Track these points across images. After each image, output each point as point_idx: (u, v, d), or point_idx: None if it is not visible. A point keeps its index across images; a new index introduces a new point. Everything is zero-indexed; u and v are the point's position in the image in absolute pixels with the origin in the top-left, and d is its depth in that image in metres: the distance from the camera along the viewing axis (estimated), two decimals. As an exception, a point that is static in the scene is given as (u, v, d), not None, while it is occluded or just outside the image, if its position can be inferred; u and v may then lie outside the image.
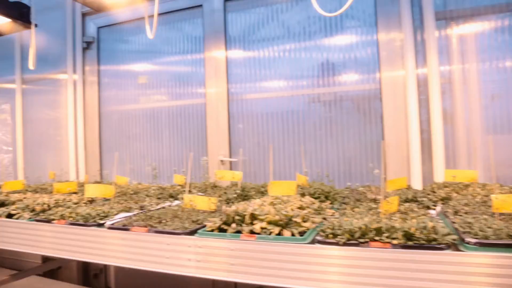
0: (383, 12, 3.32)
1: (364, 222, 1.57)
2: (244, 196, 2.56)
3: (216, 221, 1.81)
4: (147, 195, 2.92)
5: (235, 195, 2.51)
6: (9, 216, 2.50)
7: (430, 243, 1.42)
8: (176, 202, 2.66)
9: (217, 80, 3.95)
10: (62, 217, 2.25)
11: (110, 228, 2.02)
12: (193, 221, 1.96)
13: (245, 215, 1.76)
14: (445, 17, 3.13)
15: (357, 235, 1.52)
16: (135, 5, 3.42)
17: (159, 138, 4.34)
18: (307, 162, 3.51)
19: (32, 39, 3.65)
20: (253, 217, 1.75)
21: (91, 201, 2.77)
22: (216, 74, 3.95)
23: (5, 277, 3.16)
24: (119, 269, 4.14)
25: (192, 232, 1.80)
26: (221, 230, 1.78)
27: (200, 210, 2.21)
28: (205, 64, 4.03)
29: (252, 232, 1.68)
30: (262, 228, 1.68)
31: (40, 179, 4.24)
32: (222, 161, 3.86)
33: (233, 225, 1.74)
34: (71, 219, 2.20)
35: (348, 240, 1.52)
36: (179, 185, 3.26)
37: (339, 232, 1.56)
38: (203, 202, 2.22)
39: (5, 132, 5.37)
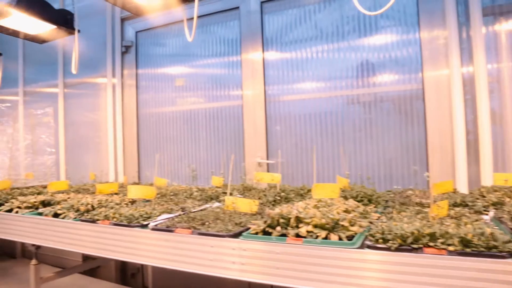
0: (426, 10, 3.20)
1: (415, 227, 1.50)
2: (285, 198, 2.53)
3: (260, 224, 1.79)
4: (187, 197, 2.94)
5: (278, 198, 2.48)
6: (55, 215, 2.58)
7: (490, 251, 1.34)
8: (216, 204, 2.66)
9: (254, 82, 3.94)
10: (106, 217, 2.30)
11: (153, 229, 2.04)
12: (236, 224, 1.94)
13: (290, 218, 1.73)
14: (493, 13, 2.98)
15: (409, 240, 1.46)
16: (173, 9, 3.47)
17: (196, 140, 4.38)
18: (346, 164, 3.44)
19: (76, 45, 3.77)
20: (298, 220, 1.72)
21: (132, 202, 2.81)
22: (253, 75, 3.94)
23: (50, 274, 3.27)
24: (156, 269, 4.19)
25: (236, 235, 1.79)
26: (265, 233, 1.76)
27: (241, 212, 2.20)
28: (241, 66, 4.03)
29: (297, 235, 1.65)
30: (308, 232, 1.64)
31: (82, 180, 4.38)
32: (259, 163, 3.84)
33: (278, 228, 1.72)
34: (115, 219, 2.24)
35: (400, 245, 1.46)
36: (217, 186, 3.27)
37: (389, 237, 1.50)
38: (244, 204, 2.20)
39: (48, 135, 5.59)
